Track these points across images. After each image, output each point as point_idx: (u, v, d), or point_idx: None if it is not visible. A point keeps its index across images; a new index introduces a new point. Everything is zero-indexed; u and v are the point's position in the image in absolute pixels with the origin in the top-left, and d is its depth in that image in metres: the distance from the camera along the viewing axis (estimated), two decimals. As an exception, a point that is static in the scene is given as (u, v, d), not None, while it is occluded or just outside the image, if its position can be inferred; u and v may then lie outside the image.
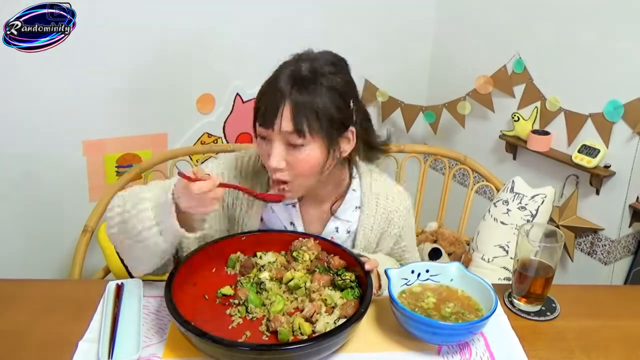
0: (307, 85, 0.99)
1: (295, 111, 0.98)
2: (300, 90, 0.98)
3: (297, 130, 0.98)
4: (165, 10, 1.80)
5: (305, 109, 0.98)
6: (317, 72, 1.00)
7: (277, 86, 0.99)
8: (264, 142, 1.03)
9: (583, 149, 1.84)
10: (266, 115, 0.99)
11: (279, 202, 1.11)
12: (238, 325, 0.96)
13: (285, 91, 0.98)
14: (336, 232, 1.19)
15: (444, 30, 2.34)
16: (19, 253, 1.83)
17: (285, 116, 0.98)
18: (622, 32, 1.71)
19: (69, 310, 1.04)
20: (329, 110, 1.00)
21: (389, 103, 2.31)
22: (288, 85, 0.99)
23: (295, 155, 1.01)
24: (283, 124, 0.98)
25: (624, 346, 1.00)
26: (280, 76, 1.00)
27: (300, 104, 0.98)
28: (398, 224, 1.22)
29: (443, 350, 0.96)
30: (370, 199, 1.19)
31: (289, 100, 0.98)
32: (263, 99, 1.01)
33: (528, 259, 1.06)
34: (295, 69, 1.01)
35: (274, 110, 0.98)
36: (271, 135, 1.00)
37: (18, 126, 1.71)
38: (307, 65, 1.01)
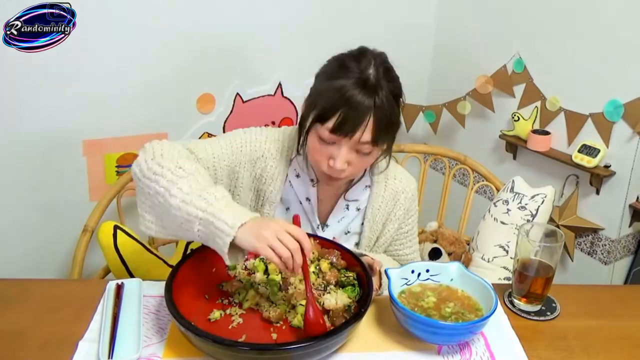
0: (382, 95, 1.00)
1: (377, 124, 1.01)
2: (379, 103, 1.00)
3: (374, 141, 1.02)
4: (165, 10, 1.80)
5: (385, 121, 1.02)
6: (383, 79, 1.02)
7: (357, 98, 0.99)
8: (326, 145, 1.04)
9: (583, 149, 1.84)
10: (347, 124, 1.00)
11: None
12: (238, 325, 0.96)
13: (370, 103, 0.99)
14: (346, 210, 1.23)
15: (444, 30, 2.34)
16: (19, 253, 1.82)
17: (368, 128, 1.00)
18: (622, 32, 1.71)
19: (69, 310, 1.04)
20: (397, 118, 1.06)
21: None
22: (368, 96, 0.99)
23: (361, 159, 1.06)
24: (365, 135, 1.01)
25: (624, 346, 1.00)
26: (351, 84, 1.00)
27: (382, 116, 1.01)
28: (404, 205, 1.25)
29: (443, 350, 0.96)
30: (380, 179, 1.23)
31: (373, 114, 1.00)
32: (343, 106, 0.99)
33: (528, 259, 1.06)
34: (366, 75, 1.01)
35: (357, 122, 1.00)
36: (343, 142, 1.03)
37: (18, 126, 1.70)
38: (373, 71, 1.02)
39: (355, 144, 1.02)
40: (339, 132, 1.01)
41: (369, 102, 0.99)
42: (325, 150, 1.05)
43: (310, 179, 1.20)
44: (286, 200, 1.22)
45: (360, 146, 1.03)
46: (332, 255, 1.07)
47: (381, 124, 1.01)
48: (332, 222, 1.23)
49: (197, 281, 1.03)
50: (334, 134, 1.01)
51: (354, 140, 1.02)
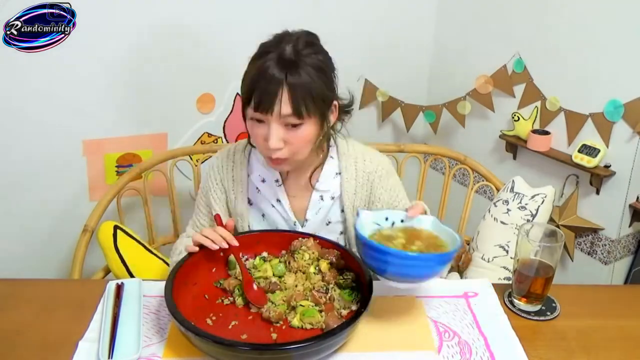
0: (298, 68, 1.03)
1: (293, 95, 1.03)
2: (293, 74, 1.03)
3: (296, 113, 1.04)
4: (165, 10, 1.80)
5: (302, 92, 1.03)
6: (302, 54, 1.05)
7: (270, 72, 1.03)
8: (258, 125, 1.08)
9: (583, 149, 1.84)
10: (263, 101, 1.03)
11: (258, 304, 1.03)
12: (238, 325, 0.96)
13: (281, 76, 1.02)
14: (322, 200, 1.24)
15: (444, 30, 2.34)
16: (19, 253, 1.83)
17: (284, 101, 1.03)
18: (623, 32, 1.71)
19: (69, 310, 1.04)
20: (321, 89, 1.06)
21: (389, 103, 2.31)
22: (281, 70, 1.03)
23: (293, 134, 1.07)
24: (283, 108, 1.03)
25: (624, 346, 1.00)
26: (268, 61, 1.04)
27: (297, 87, 1.02)
28: (380, 184, 1.25)
29: (443, 350, 0.96)
30: (349, 164, 1.24)
31: (286, 85, 1.02)
32: (257, 84, 1.04)
33: (528, 259, 1.06)
34: (281, 52, 1.04)
35: (272, 95, 1.02)
36: (268, 118, 1.05)
37: (18, 126, 1.71)
38: (290, 48, 1.05)
39: (279, 118, 1.04)
40: (260, 109, 1.04)
41: (281, 75, 1.02)
42: (260, 131, 1.08)
43: (275, 180, 1.23)
44: (259, 207, 1.25)
45: (286, 119, 1.05)
46: (331, 255, 1.08)
47: (298, 94, 1.02)
48: (310, 215, 1.24)
49: (197, 281, 1.03)
50: (257, 112, 1.05)
51: (276, 115, 1.04)
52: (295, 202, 1.24)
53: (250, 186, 1.25)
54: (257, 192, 1.24)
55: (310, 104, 1.04)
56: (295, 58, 1.04)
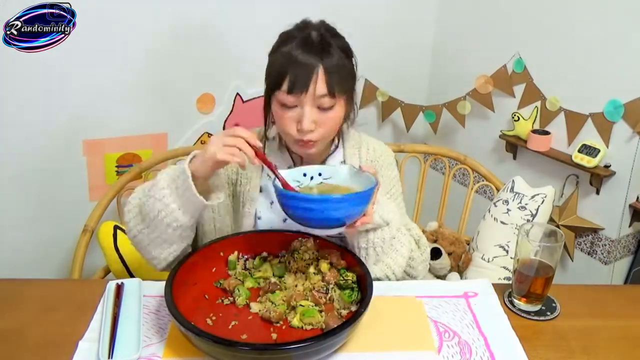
0: (329, 50, 1.06)
1: (327, 76, 1.04)
2: (326, 56, 1.05)
3: (330, 93, 1.05)
4: (165, 10, 1.80)
5: (336, 73, 1.05)
6: (328, 37, 1.08)
7: (303, 54, 1.04)
8: (289, 109, 1.08)
9: (583, 149, 1.84)
10: (298, 81, 1.04)
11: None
12: (238, 325, 0.96)
13: (316, 58, 1.04)
14: None
15: (444, 30, 2.34)
16: (19, 253, 1.83)
17: (320, 80, 1.04)
18: (623, 32, 1.71)
19: (69, 310, 1.04)
20: (350, 70, 1.11)
21: (389, 103, 2.31)
22: (314, 52, 1.05)
23: (325, 116, 1.08)
24: (318, 88, 1.04)
25: (624, 346, 1.00)
26: (298, 46, 1.06)
27: (331, 68, 1.05)
28: (380, 173, 1.25)
29: (443, 350, 0.96)
30: (353, 152, 1.25)
31: (322, 65, 1.04)
32: (290, 67, 1.04)
33: (528, 259, 1.06)
34: (307, 37, 1.07)
35: (308, 75, 1.04)
36: (302, 100, 1.06)
37: (18, 126, 1.71)
38: (316, 34, 1.08)
39: (313, 99, 1.05)
40: (295, 90, 1.05)
41: (315, 57, 1.04)
42: (290, 115, 1.08)
43: (287, 167, 1.23)
44: (269, 193, 1.23)
45: (319, 101, 1.06)
46: (332, 255, 1.07)
47: (332, 74, 1.05)
48: None
49: (197, 281, 1.03)
50: (291, 95, 1.05)
51: (310, 96, 1.05)
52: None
53: (263, 173, 1.24)
54: (268, 179, 1.23)
55: (343, 85, 1.07)
56: (324, 41, 1.07)
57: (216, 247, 1.08)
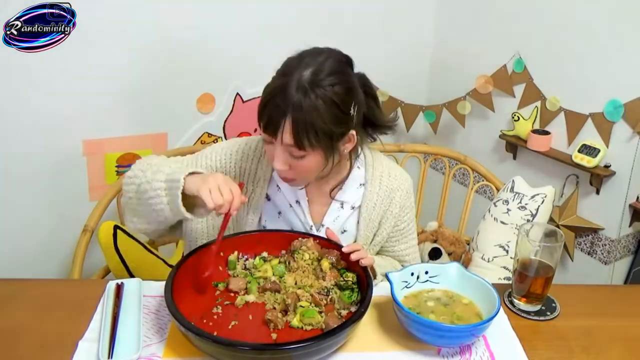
0: (308, 99, 0.99)
1: (295, 128, 1.00)
2: (298, 108, 0.99)
3: (297, 145, 1.02)
4: (165, 10, 1.80)
5: (305, 127, 1.00)
6: (318, 84, 1.00)
7: (277, 100, 1.01)
8: (268, 144, 1.08)
9: (583, 149, 1.84)
10: (268, 125, 1.03)
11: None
12: (238, 325, 0.96)
13: (288, 107, 0.99)
14: (341, 209, 1.23)
15: (444, 30, 2.34)
16: (19, 253, 1.83)
17: (286, 131, 1.01)
18: (623, 32, 1.71)
19: (69, 310, 1.04)
20: (328, 127, 1.02)
21: (389, 103, 2.31)
22: (289, 99, 0.99)
23: (297, 162, 1.06)
24: (284, 137, 1.02)
25: (624, 346, 1.00)
26: (281, 87, 1.01)
27: (300, 121, 0.99)
28: (399, 202, 1.25)
29: (443, 351, 0.96)
30: (374, 177, 1.23)
31: (290, 116, 1.00)
32: (266, 109, 1.03)
33: (528, 259, 1.06)
34: (298, 78, 1.00)
35: (276, 123, 1.01)
36: (275, 142, 1.04)
37: (18, 126, 1.71)
38: (308, 74, 1.01)
39: (282, 145, 1.03)
40: (266, 132, 1.04)
41: (286, 104, 0.99)
42: (269, 150, 1.08)
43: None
44: (276, 204, 1.22)
45: (289, 149, 1.04)
46: (332, 255, 1.07)
47: (300, 127, 1.00)
48: (327, 221, 1.22)
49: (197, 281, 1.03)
50: (265, 134, 1.05)
51: (279, 142, 1.03)
52: (314, 206, 1.22)
53: (272, 182, 1.22)
54: (278, 190, 1.22)
55: (312, 139, 1.01)
56: (310, 87, 1.00)
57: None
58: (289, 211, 1.22)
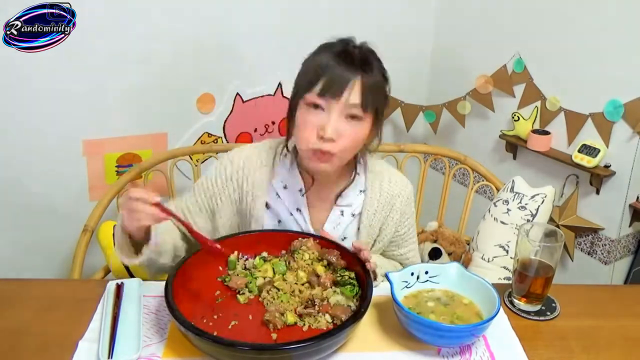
0: (370, 66, 1.05)
1: (364, 87, 1.03)
2: (367, 70, 1.04)
3: (363, 104, 1.04)
4: (165, 10, 1.80)
5: (372, 86, 1.05)
6: (369, 56, 1.08)
7: (344, 61, 1.03)
8: (315, 112, 1.05)
9: (583, 149, 1.84)
10: (333, 86, 1.02)
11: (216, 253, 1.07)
12: (238, 325, 0.96)
13: (357, 68, 1.03)
14: (342, 216, 1.22)
15: (444, 30, 2.34)
16: (19, 253, 1.83)
17: (355, 90, 1.03)
18: (623, 32, 1.71)
19: (69, 310, 1.04)
20: (385, 91, 1.10)
21: (389, 103, 2.30)
22: (355, 63, 1.03)
23: (350, 128, 1.05)
24: (352, 96, 1.03)
25: (624, 346, 1.00)
26: (336, 55, 1.04)
27: (369, 80, 1.04)
28: (399, 209, 1.24)
29: (443, 351, 0.96)
30: (374, 183, 1.22)
31: (360, 75, 1.03)
32: (328, 70, 1.03)
33: (528, 259, 1.06)
34: (347, 50, 1.05)
35: (344, 82, 1.02)
36: (332, 106, 1.03)
37: (18, 126, 1.71)
38: (358, 51, 1.06)
39: (344, 107, 1.03)
40: (327, 94, 1.02)
41: (356, 67, 1.03)
42: (315, 119, 1.04)
43: (299, 189, 1.20)
44: (276, 212, 1.21)
45: (349, 110, 1.04)
46: (332, 255, 1.07)
47: (368, 87, 1.04)
48: (328, 228, 1.21)
49: (197, 281, 1.03)
50: (322, 98, 1.03)
51: (342, 103, 1.03)
52: (314, 212, 1.21)
53: (270, 190, 1.20)
54: (277, 198, 1.20)
55: (376, 101, 1.06)
56: (366, 58, 1.06)
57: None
58: (290, 219, 1.21)
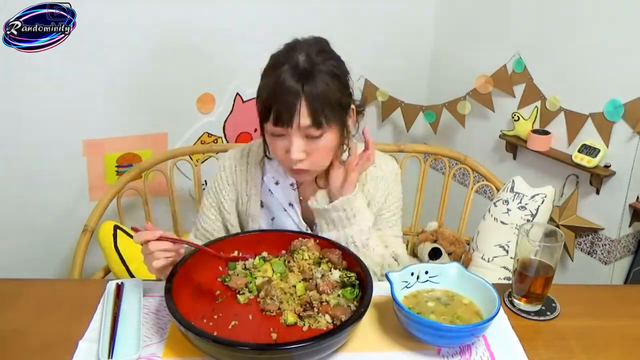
0: (314, 77, 1.02)
1: (311, 105, 1.02)
2: (309, 84, 1.02)
3: (315, 124, 1.03)
4: (165, 10, 1.80)
5: (320, 101, 1.02)
6: (316, 62, 1.04)
7: (287, 84, 1.01)
8: (279, 138, 1.07)
9: (583, 149, 1.84)
10: (282, 114, 1.02)
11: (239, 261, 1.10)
12: (238, 325, 0.96)
13: (298, 88, 1.01)
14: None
15: (444, 30, 2.34)
16: (19, 253, 1.83)
17: (302, 113, 1.02)
18: (622, 32, 1.71)
19: (69, 310, 1.04)
20: (337, 96, 1.05)
21: (389, 103, 2.31)
22: (297, 81, 1.02)
23: (315, 145, 1.06)
24: (302, 120, 1.02)
25: (624, 346, 1.00)
26: (283, 73, 1.02)
27: (314, 97, 1.02)
28: (384, 190, 1.24)
29: (443, 351, 0.96)
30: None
31: (303, 96, 1.01)
32: (275, 99, 1.03)
33: (528, 259, 1.06)
34: (295, 63, 1.03)
35: (291, 108, 1.01)
36: (289, 132, 1.04)
37: (18, 126, 1.71)
38: (303, 57, 1.04)
39: (298, 130, 1.04)
40: (279, 123, 1.03)
41: (297, 87, 1.01)
42: (280, 144, 1.07)
43: (290, 184, 1.22)
44: (270, 209, 1.23)
45: (306, 131, 1.04)
46: (333, 254, 1.08)
47: (316, 105, 1.02)
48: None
49: (197, 281, 1.03)
50: (277, 127, 1.04)
51: (295, 127, 1.03)
52: (306, 206, 1.22)
53: (264, 188, 1.23)
54: (270, 195, 1.23)
55: (329, 113, 1.04)
56: (310, 67, 1.03)
57: (216, 247, 1.08)
58: (283, 215, 1.22)
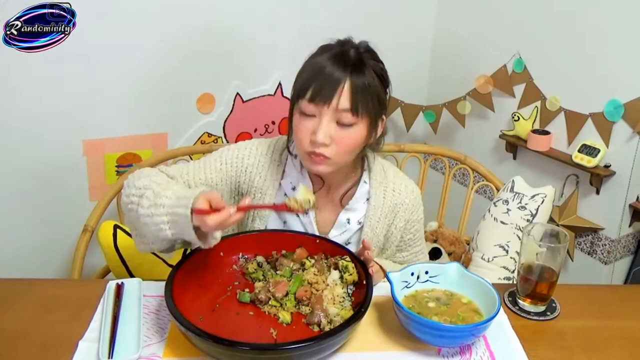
0: (361, 69, 1.04)
1: (354, 90, 1.03)
2: (357, 72, 1.03)
3: (353, 109, 1.03)
4: (166, 10, 1.80)
5: (363, 91, 1.03)
6: (365, 58, 1.06)
7: (334, 66, 1.03)
8: (307, 119, 1.06)
9: (583, 149, 1.84)
10: (322, 91, 1.02)
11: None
12: (238, 325, 0.96)
13: (345, 71, 1.03)
14: (348, 224, 1.21)
15: (443, 30, 2.34)
16: (19, 253, 1.83)
17: (344, 94, 1.02)
18: (622, 32, 1.71)
19: (69, 310, 1.04)
20: (379, 93, 1.07)
21: (389, 103, 2.30)
22: (345, 66, 1.03)
23: (344, 133, 1.05)
24: (341, 101, 1.03)
25: (624, 346, 1.00)
26: (332, 58, 1.04)
27: (359, 85, 1.03)
28: (403, 217, 1.24)
29: (443, 351, 0.96)
30: (378, 192, 1.21)
31: (349, 79, 1.02)
32: (318, 76, 1.03)
33: (532, 261, 1.06)
34: (344, 52, 1.05)
35: (333, 87, 1.02)
36: (323, 111, 1.04)
37: (18, 126, 1.70)
38: (354, 52, 1.06)
39: (334, 112, 1.03)
40: (317, 100, 1.03)
41: (345, 70, 1.03)
42: (308, 124, 1.06)
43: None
44: (283, 213, 1.20)
45: (340, 115, 1.03)
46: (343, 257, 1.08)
47: (359, 92, 1.03)
48: (333, 234, 1.21)
49: (197, 281, 1.03)
50: (312, 104, 1.04)
51: (331, 108, 1.03)
52: (321, 215, 1.21)
53: (280, 191, 1.20)
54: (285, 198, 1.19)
55: (368, 104, 1.05)
56: (359, 60, 1.05)
57: (216, 247, 1.08)
58: (295, 221, 1.20)
